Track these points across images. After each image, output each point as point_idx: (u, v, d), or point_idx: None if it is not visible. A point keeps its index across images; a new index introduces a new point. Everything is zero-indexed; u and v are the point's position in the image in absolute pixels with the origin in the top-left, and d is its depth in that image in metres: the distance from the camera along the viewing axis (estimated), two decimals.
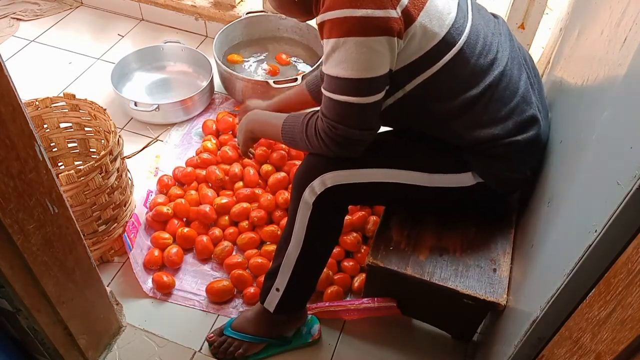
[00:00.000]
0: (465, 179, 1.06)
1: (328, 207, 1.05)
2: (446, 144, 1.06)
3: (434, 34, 0.93)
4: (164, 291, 1.35)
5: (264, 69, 1.91)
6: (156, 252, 1.40)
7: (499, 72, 1.00)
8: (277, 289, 1.14)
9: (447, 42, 0.95)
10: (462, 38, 0.96)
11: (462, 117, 1.00)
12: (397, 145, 1.10)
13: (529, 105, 1.03)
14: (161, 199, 1.50)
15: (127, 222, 1.39)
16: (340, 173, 1.02)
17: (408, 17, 0.90)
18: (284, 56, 1.95)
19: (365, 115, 0.96)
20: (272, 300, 1.15)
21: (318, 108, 1.03)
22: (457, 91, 0.99)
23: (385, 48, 0.90)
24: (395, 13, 0.89)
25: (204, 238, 1.43)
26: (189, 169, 1.59)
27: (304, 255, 1.09)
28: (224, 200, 1.49)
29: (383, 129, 1.15)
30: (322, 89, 0.97)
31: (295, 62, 1.95)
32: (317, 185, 1.02)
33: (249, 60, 1.94)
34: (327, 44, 0.93)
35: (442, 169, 1.05)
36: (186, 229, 1.44)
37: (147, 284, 1.36)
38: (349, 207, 1.29)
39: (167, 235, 1.43)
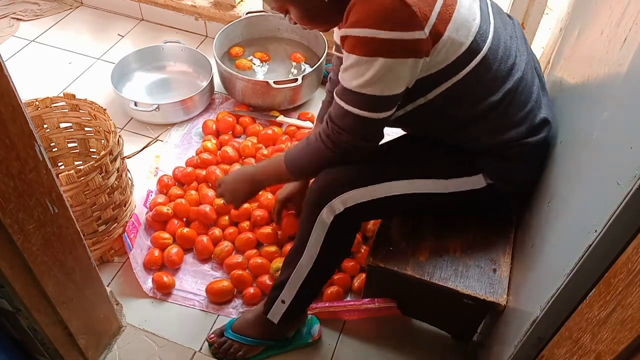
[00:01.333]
0: (477, 181, 1.05)
1: (346, 226, 1.05)
2: (457, 147, 1.05)
3: (460, 44, 0.91)
4: (164, 291, 1.35)
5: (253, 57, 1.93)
6: (156, 252, 1.40)
7: (518, 78, 0.99)
8: (283, 301, 1.13)
9: (472, 50, 0.93)
10: (486, 44, 0.94)
11: (480, 123, 1.00)
12: (410, 153, 1.09)
13: (540, 109, 1.03)
14: (161, 199, 1.50)
15: (127, 222, 1.39)
16: (360, 191, 1.01)
17: (436, 35, 0.88)
18: (298, 55, 1.95)
19: (373, 129, 0.96)
20: (277, 312, 1.15)
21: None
22: (478, 98, 0.98)
23: (409, 69, 0.89)
24: (423, 34, 0.86)
25: (204, 238, 1.43)
26: (189, 169, 1.59)
27: (316, 271, 1.08)
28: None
29: (397, 132, 1.15)
30: (336, 95, 0.96)
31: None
32: (337, 205, 1.01)
33: (249, 56, 1.95)
34: (349, 57, 0.91)
35: (456, 174, 1.05)
36: (186, 229, 1.44)
37: (147, 284, 1.36)
38: None
39: (167, 235, 1.43)
